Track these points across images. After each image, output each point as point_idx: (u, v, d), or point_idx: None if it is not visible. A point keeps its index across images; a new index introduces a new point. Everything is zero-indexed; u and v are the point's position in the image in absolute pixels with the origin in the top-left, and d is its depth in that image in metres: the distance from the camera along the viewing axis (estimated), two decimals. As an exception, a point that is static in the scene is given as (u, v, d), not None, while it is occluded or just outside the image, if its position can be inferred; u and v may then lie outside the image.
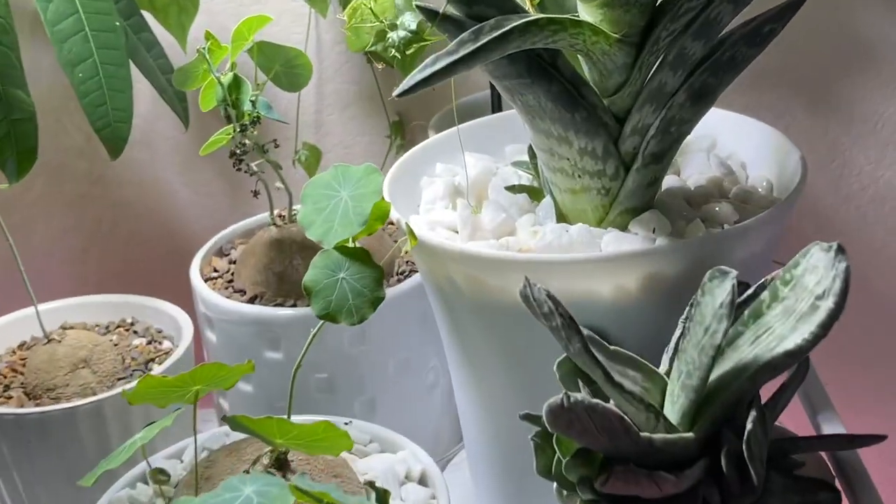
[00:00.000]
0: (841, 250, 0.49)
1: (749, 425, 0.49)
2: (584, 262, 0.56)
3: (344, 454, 0.67)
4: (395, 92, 0.50)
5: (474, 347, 0.63)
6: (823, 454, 0.58)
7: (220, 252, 0.84)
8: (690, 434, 0.49)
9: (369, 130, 0.98)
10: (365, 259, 0.55)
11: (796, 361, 0.50)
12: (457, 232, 0.62)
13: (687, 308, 0.53)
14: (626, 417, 0.47)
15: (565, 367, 0.54)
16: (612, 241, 0.58)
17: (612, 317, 0.58)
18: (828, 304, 0.48)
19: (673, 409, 0.51)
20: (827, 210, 0.95)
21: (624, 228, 0.60)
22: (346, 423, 0.68)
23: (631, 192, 0.60)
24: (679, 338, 0.53)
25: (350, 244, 0.57)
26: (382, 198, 0.57)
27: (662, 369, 0.54)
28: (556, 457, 0.52)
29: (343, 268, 0.55)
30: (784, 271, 0.51)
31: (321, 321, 0.56)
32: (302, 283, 0.55)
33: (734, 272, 0.48)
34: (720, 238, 0.57)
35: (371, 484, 0.54)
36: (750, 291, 0.53)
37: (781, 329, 0.50)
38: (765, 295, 0.52)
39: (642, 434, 0.48)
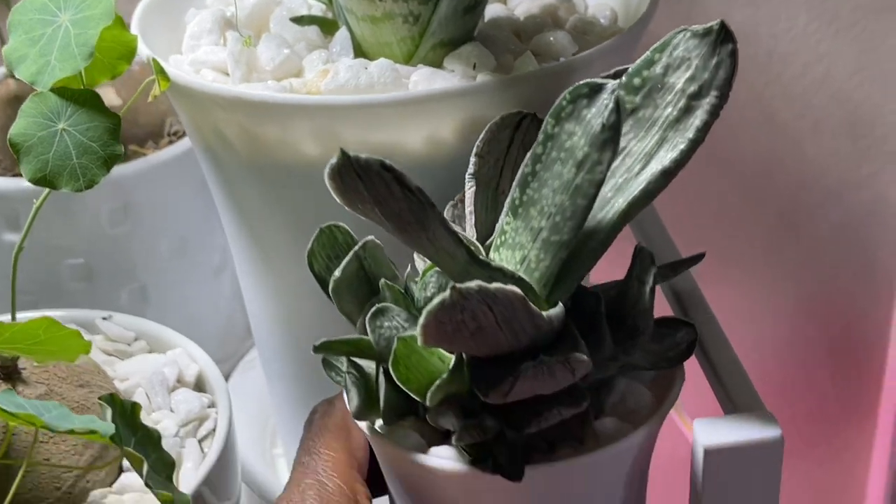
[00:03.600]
0: (724, 31, 0.38)
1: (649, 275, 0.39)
2: (388, 104, 0.44)
3: (103, 357, 0.54)
4: None
5: (256, 220, 0.51)
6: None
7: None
8: (561, 306, 0.38)
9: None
10: (95, 105, 0.42)
11: (671, 179, 0.39)
12: (228, 74, 0.49)
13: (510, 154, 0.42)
14: (527, 298, 0.36)
15: (350, 270, 0.42)
16: (423, 79, 0.46)
17: (421, 173, 0.46)
18: (708, 100, 0.38)
19: (531, 279, 0.39)
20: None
21: (438, 65, 0.48)
22: (104, 318, 0.55)
23: (445, 20, 0.48)
24: (487, 191, 0.42)
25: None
26: (119, 22, 0.43)
27: (471, 235, 0.43)
28: (386, 388, 0.40)
29: (63, 116, 0.41)
30: (629, 77, 0.40)
31: (45, 190, 0.43)
32: (7, 138, 0.41)
33: (612, 82, 0.37)
34: (554, 72, 0.46)
35: (112, 396, 0.41)
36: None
37: (642, 145, 0.39)
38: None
39: (544, 315, 0.37)
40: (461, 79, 0.46)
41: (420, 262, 0.45)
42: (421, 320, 0.35)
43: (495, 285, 0.35)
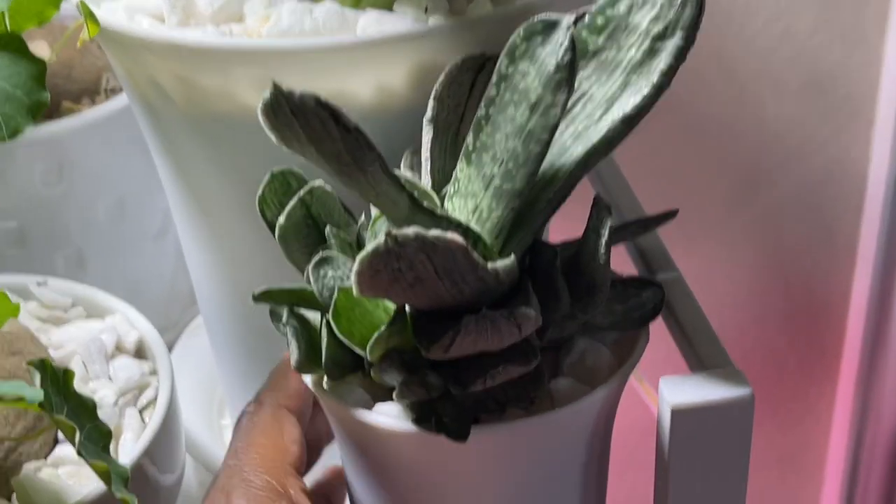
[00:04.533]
0: None
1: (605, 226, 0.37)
2: (335, 49, 0.42)
3: (37, 324, 0.51)
4: None
5: (197, 177, 0.48)
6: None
7: None
8: (512, 258, 0.36)
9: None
10: (18, 49, 0.39)
11: (633, 127, 0.37)
12: (164, 21, 0.46)
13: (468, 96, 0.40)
14: (469, 248, 0.33)
15: (295, 216, 0.40)
16: (372, 23, 0.43)
17: (372, 123, 0.43)
18: (674, 41, 0.36)
19: (483, 230, 0.37)
20: None
21: (388, 9, 0.45)
22: (39, 284, 0.53)
23: (395, -37, 0.45)
24: (447, 135, 0.39)
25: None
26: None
27: (426, 183, 0.40)
28: (328, 340, 0.38)
29: (-19, 60, 0.38)
30: (592, 16, 0.38)
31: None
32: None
33: (567, 18, 0.34)
34: (511, 16, 0.43)
35: (42, 362, 0.38)
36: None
37: (604, 90, 0.37)
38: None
39: (489, 267, 0.34)
40: (413, 22, 0.43)
41: (375, 210, 0.42)
42: (355, 267, 0.33)
43: (434, 232, 0.32)
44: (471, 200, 0.37)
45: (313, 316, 0.40)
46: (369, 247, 0.33)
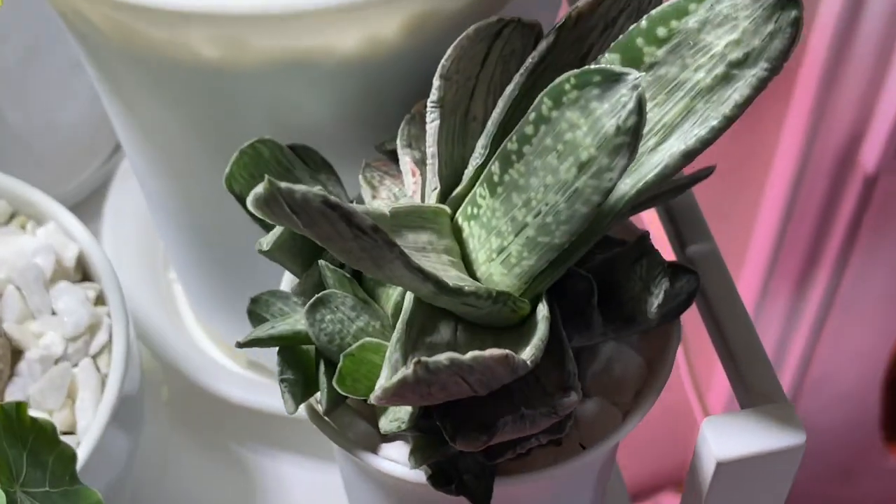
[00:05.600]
0: None
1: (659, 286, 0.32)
2: (314, 13, 0.33)
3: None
4: None
5: (141, 111, 0.40)
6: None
7: None
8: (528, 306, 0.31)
9: None
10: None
11: (692, 161, 0.31)
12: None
13: (504, 105, 0.32)
14: (512, 356, 0.28)
15: (284, 236, 0.33)
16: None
17: (357, 75, 0.36)
18: (755, 71, 0.29)
19: (510, 273, 0.31)
20: None
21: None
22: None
23: None
24: (489, 157, 0.32)
25: None
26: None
27: (433, 188, 0.33)
28: (328, 390, 0.33)
29: None
30: (651, 22, 0.30)
31: None
32: None
33: (634, 74, 0.27)
34: None
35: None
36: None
37: (661, 112, 0.31)
38: (610, 59, 0.31)
39: (527, 361, 0.29)
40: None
41: (367, 192, 0.36)
42: (376, 392, 0.28)
43: (472, 355, 0.28)
44: (495, 239, 0.31)
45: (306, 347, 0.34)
46: (394, 378, 0.27)
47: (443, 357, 0.27)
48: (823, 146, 0.92)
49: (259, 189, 0.26)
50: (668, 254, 0.39)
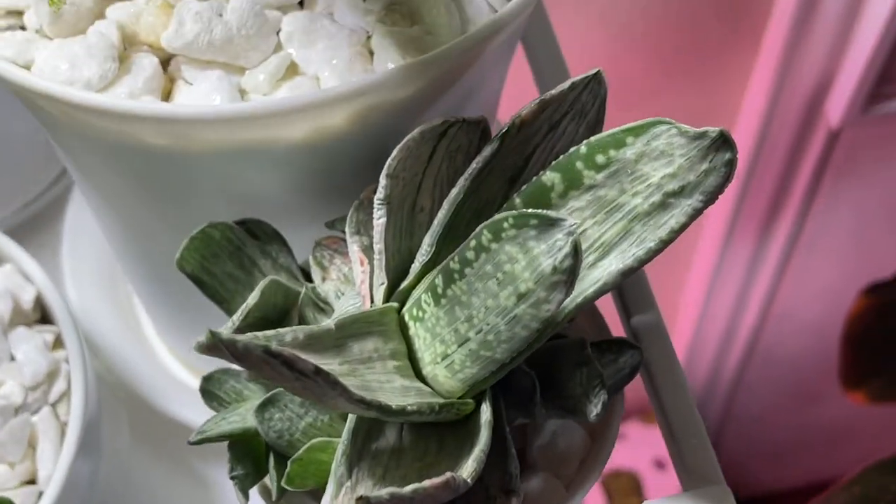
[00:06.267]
0: (724, 140, 0.29)
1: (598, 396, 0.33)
2: (256, 116, 0.33)
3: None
4: None
5: (100, 184, 0.40)
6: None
7: None
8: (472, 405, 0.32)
9: None
10: None
11: (628, 278, 0.32)
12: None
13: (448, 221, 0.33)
14: (452, 479, 0.29)
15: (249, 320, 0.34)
16: (298, 32, 0.35)
17: (302, 158, 0.36)
18: (690, 202, 0.30)
19: (454, 378, 0.32)
20: None
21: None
22: None
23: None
24: (441, 278, 0.33)
25: None
26: None
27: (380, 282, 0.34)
28: (277, 487, 0.34)
29: None
30: (590, 148, 0.31)
31: None
32: None
33: (570, 221, 0.28)
34: (465, 48, 0.34)
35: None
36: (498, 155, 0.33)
37: (600, 230, 0.31)
38: (550, 178, 0.32)
39: (468, 480, 0.30)
40: (355, 63, 0.34)
41: (317, 273, 0.37)
42: None
43: (412, 488, 0.29)
44: (440, 345, 0.32)
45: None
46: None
47: (384, 493, 0.28)
48: (789, 98, 0.92)
49: (202, 339, 0.27)
50: (613, 320, 0.40)
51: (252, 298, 0.34)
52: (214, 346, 0.27)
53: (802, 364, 1.19)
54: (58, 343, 0.44)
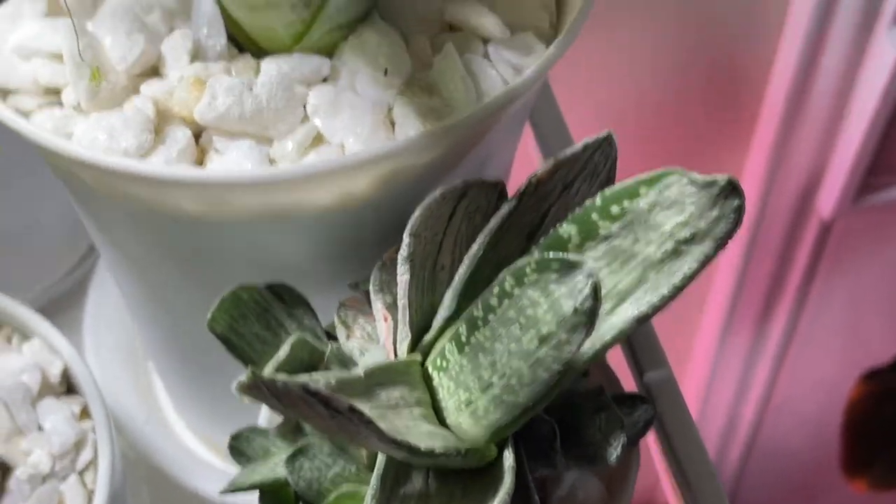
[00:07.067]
0: (733, 188, 0.31)
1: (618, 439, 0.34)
2: (289, 180, 0.35)
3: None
4: None
5: (128, 253, 0.42)
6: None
7: None
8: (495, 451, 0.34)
9: None
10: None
11: (643, 324, 0.34)
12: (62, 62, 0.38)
13: (466, 268, 0.34)
14: None
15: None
16: (325, 104, 0.37)
17: (330, 221, 0.38)
18: (702, 248, 0.32)
19: (478, 424, 0.33)
20: None
21: (332, 50, 0.39)
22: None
23: (346, 2, 0.38)
24: (451, 322, 0.34)
25: None
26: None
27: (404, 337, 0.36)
28: None
29: None
30: (605, 200, 0.33)
31: None
32: None
33: (590, 264, 0.29)
34: (488, 115, 0.37)
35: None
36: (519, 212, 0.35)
37: (616, 279, 0.33)
38: (567, 230, 0.34)
39: None
40: (378, 132, 0.36)
41: (342, 331, 0.38)
42: None
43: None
44: (464, 392, 0.34)
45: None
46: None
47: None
48: (781, 192, 0.94)
49: (243, 378, 0.29)
50: (626, 376, 0.41)
51: (282, 352, 0.35)
52: (255, 385, 0.28)
53: (803, 456, 1.20)
54: (84, 413, 0.46)
